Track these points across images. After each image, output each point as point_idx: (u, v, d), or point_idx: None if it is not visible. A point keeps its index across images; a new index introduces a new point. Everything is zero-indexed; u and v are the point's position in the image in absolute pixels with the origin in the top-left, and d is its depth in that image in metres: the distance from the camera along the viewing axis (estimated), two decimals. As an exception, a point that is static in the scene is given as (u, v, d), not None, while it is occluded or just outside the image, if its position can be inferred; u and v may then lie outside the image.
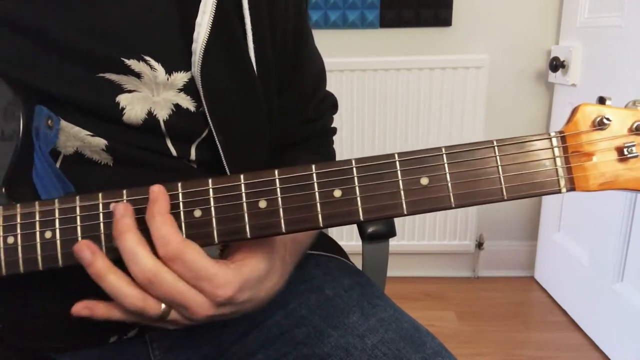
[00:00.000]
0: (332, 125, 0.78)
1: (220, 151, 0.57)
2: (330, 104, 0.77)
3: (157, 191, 0.44)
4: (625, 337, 1.52)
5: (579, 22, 1.73)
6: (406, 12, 1.85)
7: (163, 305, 0.44)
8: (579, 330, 1.74)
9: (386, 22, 1.87)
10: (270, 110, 0.63)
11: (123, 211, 0.44)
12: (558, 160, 0.43)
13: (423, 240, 2.05)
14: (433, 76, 1.88)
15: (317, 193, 0.44)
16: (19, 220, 0.46)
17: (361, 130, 1.94)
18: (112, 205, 0.44)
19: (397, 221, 0.44)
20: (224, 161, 0.58)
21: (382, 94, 1.90)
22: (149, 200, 0.44)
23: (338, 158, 0.52)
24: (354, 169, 0.43)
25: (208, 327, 0.65)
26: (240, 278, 0.46)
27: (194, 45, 0.55)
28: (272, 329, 0.61)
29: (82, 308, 0.45)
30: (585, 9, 1.71)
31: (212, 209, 0.44)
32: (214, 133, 0.57)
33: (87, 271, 0.43)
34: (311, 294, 0.64)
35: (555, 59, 1.77)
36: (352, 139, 1.94)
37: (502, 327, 1.80)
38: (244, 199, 0.44)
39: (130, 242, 0.43)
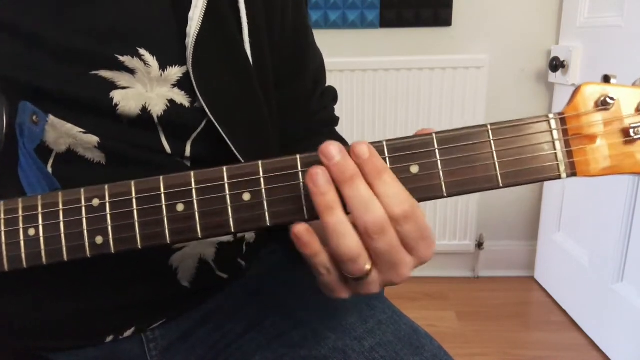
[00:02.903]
0: (336, 114, 0.79)
1: (229, 142, 0.57)
2: (332, 97, 0.77)
3: (368, 147, 0.40)
4: (625, 337, 1.52)
5: (579, 22, 1.73)
6: (406, 12, 1.85)
7: (369, 264, 0.41)
8: (579, 330, 1.74)
9: (386, 22, 1.86)
10: (269, 103, 0.63)
11: (340, 153, 0.40)
12: (557, 144, 0.41)
13: (423, 240, 2.04)
14: (433, 76, 1.88)
15: (302, 184, 0.42)
16: (2, 217, 0.46)
17: (361, 130, 1.94)
18: (321, 149, 0.40)
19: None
20: (234, 151, 0.57)
21: (382, 94, 1.90)
22: (361, 158, 0.40)
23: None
24: None
25: (205, 328, 0.65)
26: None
27: (187, 40, 0.55)
28: (269, 330, 0.61)
29: (305, 230, 0.40)
30: (585, 9, 1.70)
31: (195, 202, 0.43)
32: (217, 125, 0.56)
33: (315, 200, 0.39)
34: (309, 295, 0.64)
35: (555, 59, 1.77)
36: (352, 139, 1.93)
37: (502, 327, 1.79)
38: (227, 191, 0.43)
39: (364, 188, 0.39)
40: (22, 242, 0.46)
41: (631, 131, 0.40)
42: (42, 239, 0.45)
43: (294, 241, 0.41)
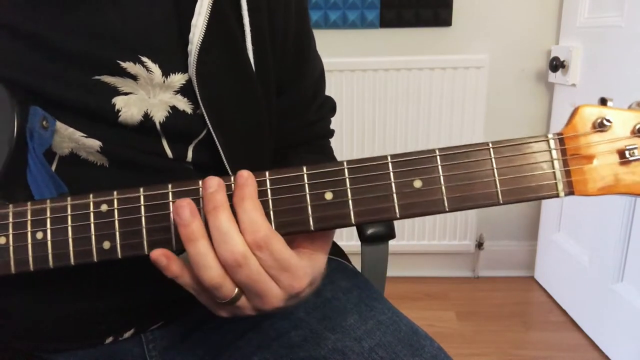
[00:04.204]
0: (331, 127, 0.79)
1: (221, 153, 0.57)
2: (330, 108, 0.78)
3: (247, 176, 0.42)
4: (625, 337, 1.52)
5: (579, 22, 1.73)
6: (406, 12, 1.85)
7: (236, 290, 0.43)
8: (579, 330, 1.74)
9: (386, 22, 1.86)
10: (270, 111, 0.63)
11: (216, 186, 0.42)
12: (556, 164, 0.42)
13: (423, 240, 2.04)
14: (433, 76, 1.88)
15: (308, 195, 0.43)
16: (11, 220, 0.46)
17: (361, 130, 1.94)
18: (203, 181, 0.43)
19: (397, 221, 0.44)
20: (225, 163, 0.58)
21: (382, 94, 1.90)
22: (236, 184, 0.42)
23: (337, 158, 0.52)
24: (346, 170, 0.43)
25: (204, 329, 0.65)
26: (312, 271, 0.45)
27: (189, 47, 0.55)
28: (268, 332, 0.61)
29: (160, 254, 0.43)
30: (585, 9, 1.70)
31: (202, 210, 0.43)
32: (214, 135, 0.56)
33: (179, 230, 0.41)
34: (309, 296, 0.64)
35: (555, 59, 1.77)
36: (352, 139, 1.94)
37: (502, 327, 1.80)
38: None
39: (225, 220, 0.41)
40: (29, 246, 0.46)
41: (627, 153, 0.41)
42: (49, 242, 0.46)
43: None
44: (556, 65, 1.77)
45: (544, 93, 1.94)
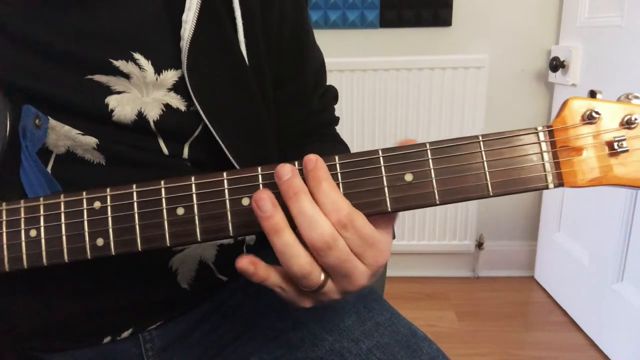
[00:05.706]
0: (336, 115, 0.79)
1: (223, 147, 0.57)
2: (332, 96, 0.78)
3: (315, 159, 0.41)
4: (625, 337, 1.52)
5: (579, 22, 1.73)
6: (406, 12, 1.85)
7: (323, 275, 0.42)
8: (579, 330, 1.74)
9: (386, 22, 1.86)
10: (267, 103, 0.63)
11: (290, 172, 0.41)
12: (545, 155, 0.42)
13: (423, 240, 2.04)
14: (433, 76, 1.88)
15: None
16: (4, 218, 0.46)
17: (361, 130, 1.94)
18: (275, 170, 0.41)
19: (397, 221, 0.44)
20: (229, 157, 0.57)
21: (382, 94, 1.90)
22: (307, 168, 0.41)
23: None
24: (337, 165, 0.43)
25: (202, 329, 0.65)
26: (390, 246, 0.45)
27: (181, 43, 0.55)
28: (266, 332, 0.61)
29: (248, 263, 0.42)
30: (585, 9, 1.70)
31: (195, 206, 0.44)
32: (212, 129, 0.56)
33: (262, 224, 0.40)
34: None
35: (555, 59, 1.77)
36: (351, 139, 1.94)
37: (502, 327, 1.79)
38: (227, 196, 0.44)
39: (308, 204, 0.40)
40: (23, 243, 0.46)
41: (615, 144, 0.42)
42: (43, 240, 0.46)
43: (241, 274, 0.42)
44: (556, 65, 1.77)
45: (544, 93, 1.94)
